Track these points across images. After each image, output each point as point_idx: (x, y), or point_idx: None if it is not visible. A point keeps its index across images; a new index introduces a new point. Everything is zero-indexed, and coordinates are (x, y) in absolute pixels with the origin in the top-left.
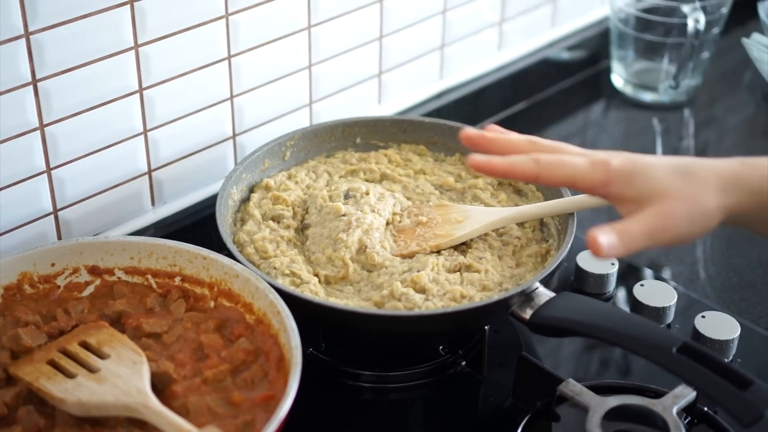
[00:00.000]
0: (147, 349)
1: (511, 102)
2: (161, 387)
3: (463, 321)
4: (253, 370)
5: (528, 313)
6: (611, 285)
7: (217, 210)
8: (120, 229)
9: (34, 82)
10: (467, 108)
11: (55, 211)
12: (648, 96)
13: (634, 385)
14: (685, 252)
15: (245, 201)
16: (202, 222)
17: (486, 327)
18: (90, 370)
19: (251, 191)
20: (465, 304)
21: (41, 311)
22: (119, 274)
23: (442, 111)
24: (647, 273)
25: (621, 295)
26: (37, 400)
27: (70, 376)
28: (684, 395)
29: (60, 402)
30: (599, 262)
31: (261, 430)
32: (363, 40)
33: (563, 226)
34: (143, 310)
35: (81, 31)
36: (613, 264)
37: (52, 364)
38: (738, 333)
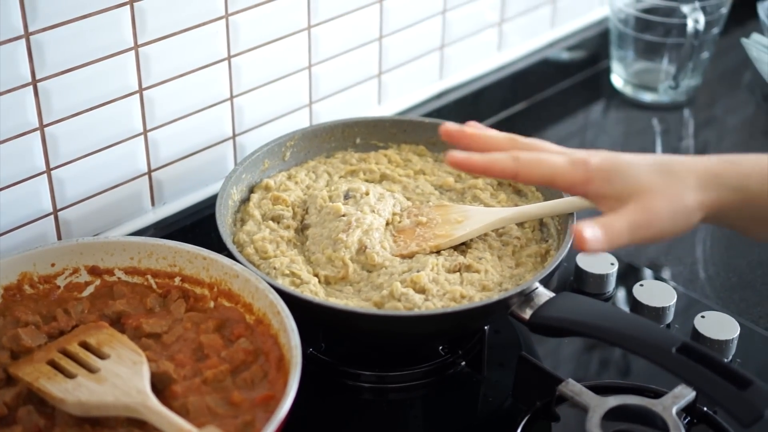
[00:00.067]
0: (147, 350)
1: (511, 102)
2: (161, 387)
3: (463, 321)
4: (253, 370)
5: (528, 313)
6: (611, 285)
7: (217, 210)
8: (120, 230)
9: (34, 82)
10: (467, 108)
11: (55, 212)
12: (648, 96)
13: (633, 385)
14: (685, 252)
15: (245, 201)
16: (202, 222)
17: (486, 327)
18: (90, 370)
19: (251, 191)
20: (465, 304)
21: (41, 311)
22: (119, 274)
23: (442, 111)
24: (647, 273)
25: (621, 295)
26: (37, 400)
27: (70, 376)
28: (684, 395)
29: (60, 402)
30: (598, 261)
31: (261, 430)
32: (363, 40)
33: (563, 226)
34: (143, 310)
35: (81, 32)
36: (613, 264)
37: (52, 364)
38: (737, 333)
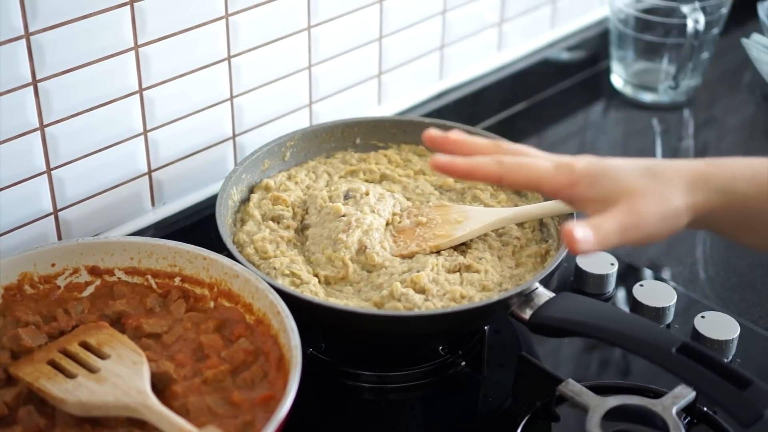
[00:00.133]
0: (147, 350)
1: (511, 102)
2: (161, 387)
3: (463, 321)
4: (253, 370)
5: (528, 314)
6: (611, 285)
7: (217, 210)
8: (120, 230)
9: (34, 82)
10: (467, 108)
11: (56, 212)
12: (648, 96)
13: (633, 386)
14: (685, 252)
15: (245, 201)
16: (202, 222)
17: (486, 327)
18: (90, 370)
19: (251, 192)
20: (465, 304)
21: (41, 311)
22: (119, 274)
23: (441, 111)
24: (647, 273)
25: (621, 296)
26: (38, 400)
27: (70, 376)
28: (683, 395)
29: (60, 402)
30: (598, 262)
31: (261, 430)
32: (363, 40)
33: (563, 226)
34: (143, 310)
35: (81, 32)
36: (613, 264)
37: (52, 364)
38: (737, 333)
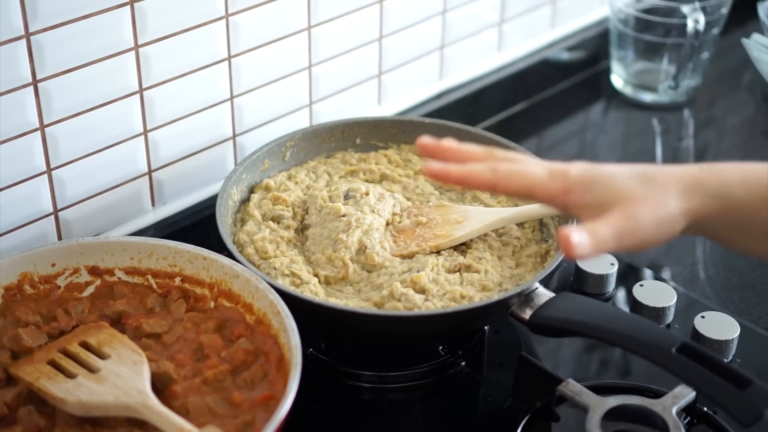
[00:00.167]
0: (147, 350)
1: (511, 102)
2: (161, 387)
3: (463, 321)
4: (253, 370)
5: (528, 314)
6: (611, 285)
7: (217, 210)
8: (120, 230)
9: (34, 82)
10: (467, 109)
11: (56, 212)
12: (648, 96)
13: (633, 386)
14: (685, 252)
15: (245, 201)
16: (202, 222)
17: (486, 327)
18: (90, 370)
19: (251, 192)
20: (465, 304)
21: (41, 311)
22: (119, 274)
23: (441, 111)
24: (647, 273)
25: (621, 296)
26: (38, 400)
27: (70, 376)
28: (683, 395)
29: (60, 402)
30: (598, 262)
31: (261, 430)
32: (363, 40)
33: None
34: (143, 310)
35: (81, 32)
36: (613, 264)
37: (52, 364)
38: (737, 333)
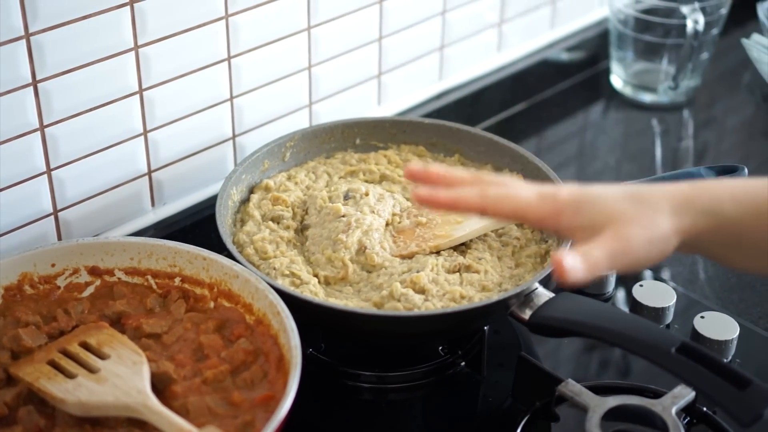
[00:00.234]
0: (147, 350)
1: (511, 103)
2: (161, 387)
3: (463, 321)
4: (253, 370)
5: (527, 314)
6: (610, 285)
7: (217, 211)
8: (120, 230)
9: (34, 83)
10: (467, 109)
11: (56, 212)
12: (647, 97)
13: (633, 386)
14: None
15: (245, 202)
16: (201, 223)
17: (485, 327)
18: (90, 370)
19: (251, 192)
20: (464, 304)
21: (41, 312)
22: (119, 274)
23: (441, 112)
24: (646, 273)
25: (620, 296)
26: (38, 400)
27: (70, 376)
28: (683, 395)
29: (60, 402)
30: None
31: (261, 430)
32: (363, 41)
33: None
34: (143, 310)
35: (81, 32)
36: None
37: (52, 364)
38: (737, 333)
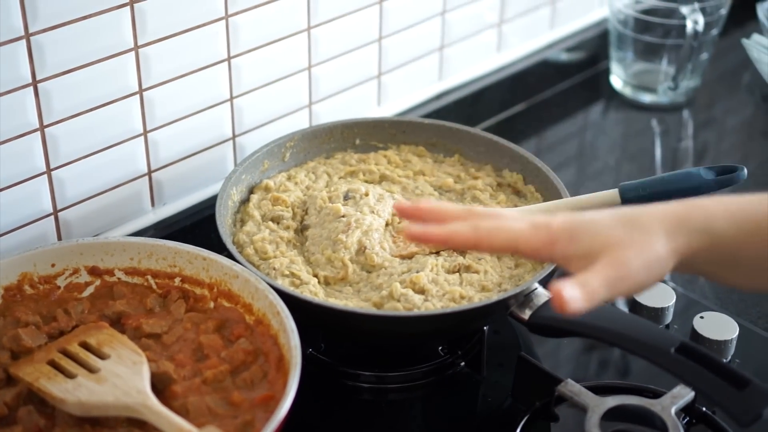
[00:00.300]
0: (147, 350)
1: (510, 103)
2: (161, 387)
3: (462, 322)
4: (253, 370)
5: (527, 314)
6: None
7: (217, 211)
8: (120, 230)
9: (34, 83)
10: (466, 109)
11: (56, 212)
12: (647, 97)
13: (632, 386)
14: None
15: (245, 202)
16: (201, 223)
17: (485, 327)
18: (90, 370)
19: (251, 192)
20: (464, 304)
21: (41, 312)
22: (119, 274)
23: (441, 112)
24: None
25: None
26: (38, 400)
27: (70, 376)
28: (682, 395)
29: (60, 402)
30: None
31: (260, 430)
32: (362, 41)
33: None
34: (143, 310)
35: (81, 32)
36: None
37: (52, 364)
38: (736, 333)
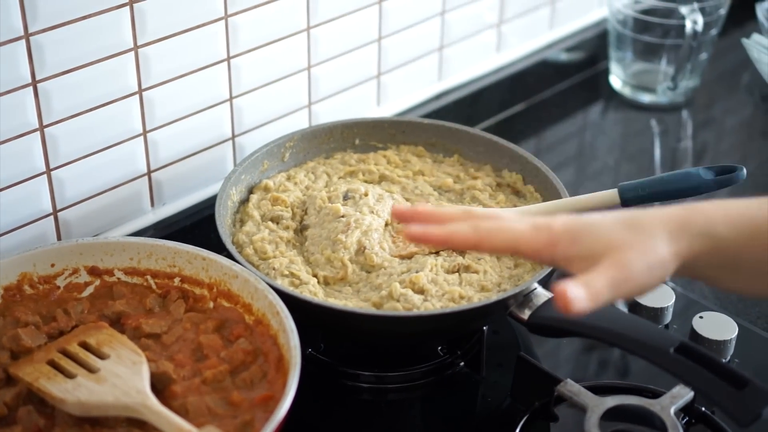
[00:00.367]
0: (146, 350)
1: (510, 103)
2: (161, 387)
3: (462, 321)
4: (253, 370)
5: (526, 314)
6: None
7: (217, 211)
8: (120, 230)
9: (34, 83)
10: (466, 109)
11: (55, 212)
12: (646, 97)
13: (632, 386)
14: None
15: (244, 202)
16: (201, 223)
17: (484, 327)
18: (90, 370)
19: (250, 192)
20: (463, 304)
21: (41, 312)
22: (119, 274)
23: (440, 112)
24: None
25: None
26: (37, 400)
27: (69, 376)
28: (682, 395)
29: (60, 402)
30: None
31: (260, 430)
32: (362, 41)
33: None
34: (143, 310)
35: (81, 33)
36: None
37: (51, 364)
38: (736, 333)
